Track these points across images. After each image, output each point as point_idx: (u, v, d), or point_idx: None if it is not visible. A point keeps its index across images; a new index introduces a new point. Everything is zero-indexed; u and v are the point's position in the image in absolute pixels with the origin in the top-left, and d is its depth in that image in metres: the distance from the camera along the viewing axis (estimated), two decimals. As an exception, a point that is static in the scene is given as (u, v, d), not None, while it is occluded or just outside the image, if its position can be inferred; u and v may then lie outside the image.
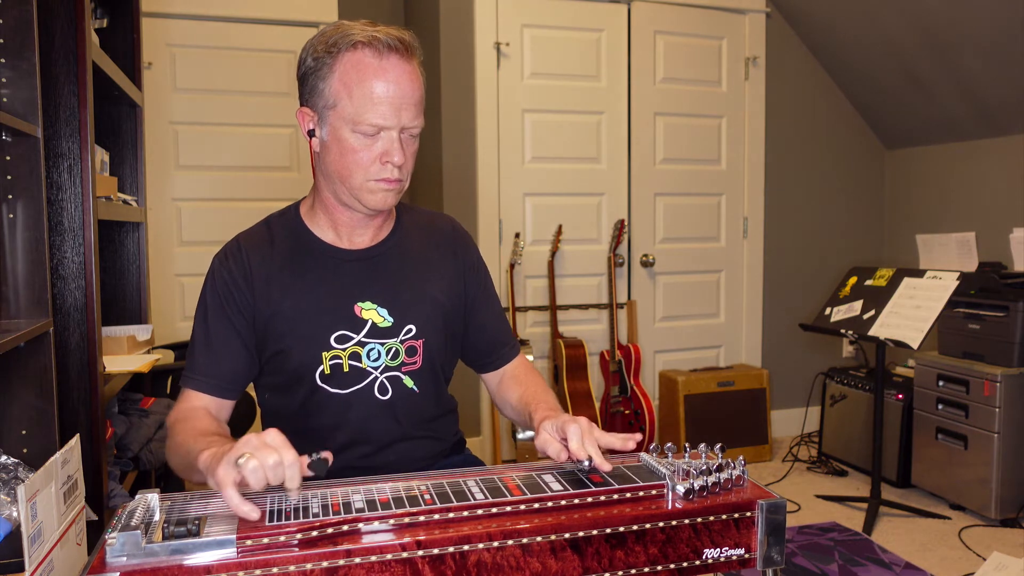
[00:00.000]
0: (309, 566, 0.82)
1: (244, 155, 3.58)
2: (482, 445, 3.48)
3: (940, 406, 3.09)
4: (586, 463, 1.05)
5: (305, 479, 0.95)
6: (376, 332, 1.31)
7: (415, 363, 1.34)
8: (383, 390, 1.32)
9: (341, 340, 1.29)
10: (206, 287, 1.32)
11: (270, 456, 0.91)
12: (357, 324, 1.30)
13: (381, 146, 1.22)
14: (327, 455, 0.96)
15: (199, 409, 1.25)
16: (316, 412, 1.32)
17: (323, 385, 1.30)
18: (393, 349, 1.32)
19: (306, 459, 0.95)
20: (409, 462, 1.36)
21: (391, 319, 1.32)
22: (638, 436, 1.10)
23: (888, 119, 3.96)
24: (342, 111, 1.21)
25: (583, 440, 1.07)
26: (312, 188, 1.37)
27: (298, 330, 1.29)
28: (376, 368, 1.31)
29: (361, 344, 1.30)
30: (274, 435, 0.95)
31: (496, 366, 1.49)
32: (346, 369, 1.30)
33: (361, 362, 1.30)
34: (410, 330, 1.33)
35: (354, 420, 1.32)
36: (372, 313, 1.31)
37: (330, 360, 1.29)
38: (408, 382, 1.34)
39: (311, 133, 1.27)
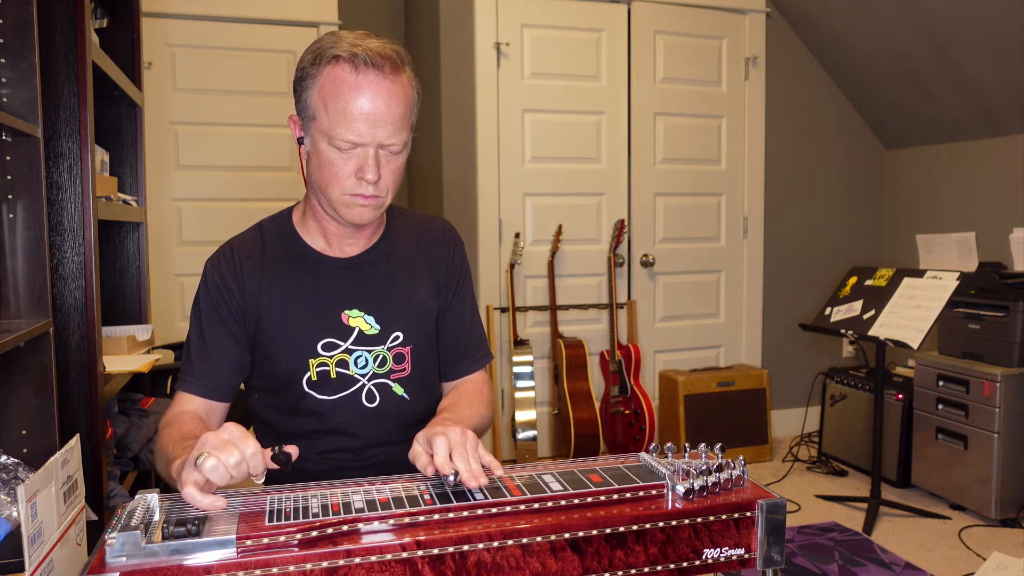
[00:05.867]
0: (309, 566, 0.82)
1: (244, 155, 3.58)
2: (482, 445, 3.48)
3: (940, 406, 3.09)
4: (451, 477, 0.96)
5: (272, 472, 0.95)
6: (363, 340, 1.31)
7: (404, 370, 1.34)
8: (370, 397, 1.32)
9: (328, 348, 1.30)
10: (199, 292, 1.33)
11: (231, 455, 0.91)
12: (344, 332, 1.30)
13: (356, 162, 1.20)
14: (291, 449, 0.96)
15: (187, 412, 1.25)
16: (304, 416, 1.32)
17: (310, 392, 1.30)
18: (381, 356, 1.32)
19: (269, 452, 0.95)
20: (396, 463, 1.32)
21: (378, 327, 1.31)
22: (499, 472, 1.01)
23: (888, 119, 3.95)
24: (320, 124, 1.20)
25: (451, 453, 0.99)
26: (305, 195, 1.36)
27: (285, 336, 1.29)
28: (364, 375, 1.31)
29: (348, 351, 1.30)
30: (232, 429, 0.94)
31: (450, 377, 1.43)
32: (333, 376, 1.30)
33: (349, 369, 1.30)
34: (397, 337, 1.33)
35: (341, 424, 1.32)
36: (359, 320, 1.31)
37: (317, 367, 1.29)
38: (398, 389, 1.34)
39: (300, 140, 1.27)
